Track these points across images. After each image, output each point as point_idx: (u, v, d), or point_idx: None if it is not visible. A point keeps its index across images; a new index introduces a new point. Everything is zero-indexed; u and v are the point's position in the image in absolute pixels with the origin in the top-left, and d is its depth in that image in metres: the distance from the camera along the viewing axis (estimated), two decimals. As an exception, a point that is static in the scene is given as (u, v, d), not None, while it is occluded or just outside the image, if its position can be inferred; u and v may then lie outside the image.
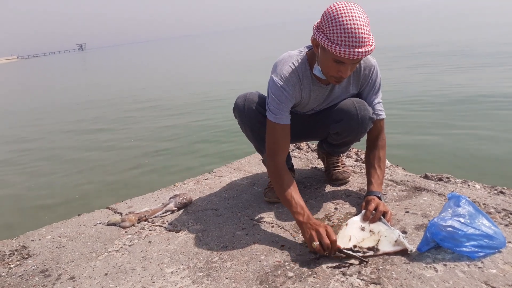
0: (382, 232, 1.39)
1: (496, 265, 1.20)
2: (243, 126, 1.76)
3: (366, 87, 1.67)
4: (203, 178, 2.34)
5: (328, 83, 1.61)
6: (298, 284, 1.23)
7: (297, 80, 1.56)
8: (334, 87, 1.64)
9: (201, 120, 6.52)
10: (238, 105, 1.71)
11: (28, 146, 6.24)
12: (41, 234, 1.84)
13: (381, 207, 1.47)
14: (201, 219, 1.78)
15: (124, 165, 4.68)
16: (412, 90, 6.40)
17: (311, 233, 1.36)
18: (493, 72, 7.04)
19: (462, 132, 4.09)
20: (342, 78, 1.45)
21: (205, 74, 14.23)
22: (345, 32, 1.30)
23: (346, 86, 1.65)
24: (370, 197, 1.55)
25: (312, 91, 1.62)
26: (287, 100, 1.55)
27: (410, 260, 1.27)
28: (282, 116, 1.56)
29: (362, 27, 1.31)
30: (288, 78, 1.54)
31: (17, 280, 1.47)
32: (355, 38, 1.30)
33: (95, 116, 8.24)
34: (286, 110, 1.57)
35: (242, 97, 1.72)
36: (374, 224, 1.43)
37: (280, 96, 1.54)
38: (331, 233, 1.33)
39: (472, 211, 1.27)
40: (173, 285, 1.32)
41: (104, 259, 1.54)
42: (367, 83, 1.65)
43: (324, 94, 1.66)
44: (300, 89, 1.59)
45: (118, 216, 1.91)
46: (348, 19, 1.30)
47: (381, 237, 1.37)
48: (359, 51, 1.31)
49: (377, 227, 1.42)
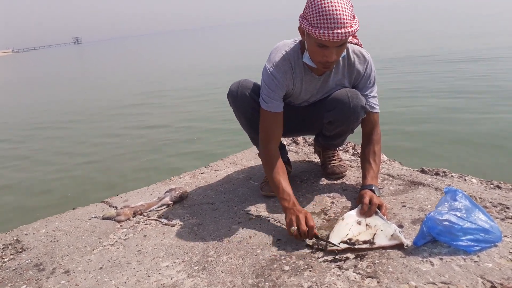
0: (379, 226, 1.38)
1: (492, 259, 1.20)
2: (237, 113, 1.76)
3: (360, 82, 1.66)
4: (199, 172, 2.33)
5: (321, 74, 1.61)
6: (294, 278, 1.23)
7: (288, 68, 1.58)
8: (327, 78, 1.64)
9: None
10: (231, 91, 1.72)
11: (24, 139, 6.19)
12: (35, 228, 1.83)
13: (375, 200, 1.47)
14: (197, 213, 1.77)
15: (121, 158, 4.66)
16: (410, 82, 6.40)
17: (291, 218, 1.41)
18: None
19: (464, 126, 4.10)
20: (329, 63, 1.45)
21: (205, 65, 14.17)
22: (324, 15, 1.33)
23: (340, 79, 1.65)
24: (363, 191, 1.55)
25: (304, 81, 1.63)
26: (277, 88, 1.58)
27: (406, 254, 1.27)
28: (273, 104, 1.59)
29: (341, 9, 1.33)
30: (279, 65, 1.57)
31: (11, 274, 1.46)
32: (334, 19, 1.33)
33: (94, 112, 8.19)
34: (277, 98, 1.59)
35: (236, 83, 1.73)
36: (370, 218, 1.43)
37: (271, 84, 1.57)
38: (310, 220, 1.38)
39: (468, 205, 1.27)
40: (169, 279, 1.31)
41: (99, 253, 1.53)
42: (361, 78, 1.65)
43: (317, 85, 1.66)
44: (292, 77, 1.60)
45: (113, 210, 1.89)
46: (326, 2, 1.34)
47: (377, 230, 1.37)
48: (339, 32, 1.33)
49: (373, 221, 1.41)
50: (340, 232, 1.38)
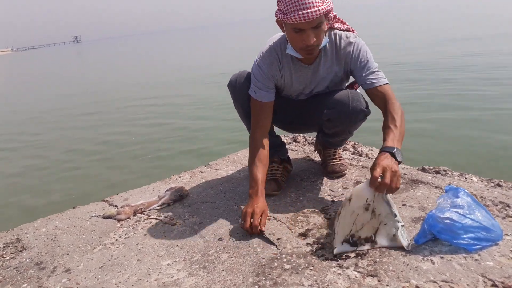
0: (383, 218, 1.30)
1: (493, 257, 1.20)
2: (235, 103, 1.81)
3: (352, 65, 1.63)
4: (199, 171, 2.33)
5: (310, 63, 1.63)
6: (295, 276, 1.23)
7: (274, 59, 1.64)
8: (317, 67, 1.65)
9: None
10: (231, 81, 1.78)
11: (25, 138, 6.19)
12: (35, 226, 1.83)
13: (388, 174, 1.27)
14: (197, 212, 1.77)
15: (121, 157, 4.66)
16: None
17: (246, 211, 1.50)
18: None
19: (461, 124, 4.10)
20: (309, 47, 1.47)
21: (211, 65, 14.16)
22: (292, 0, 1.39)
23: (330, 66, 1.65)
24: (380, 157, 1.34)
25: (294, 71, 1.66)
26: (263, 79, 1.64)
27: (407, 253, 1.27)
28: (261, 94, 1.65)
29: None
30: (265, 57, 1.64)
31: (11, 272, 1.46)
32: (301, 1, 1.37)
33: (94, 109, 8.18)
34: (264, 89, 1.64)
35: (236, 74, 1.79)
36: (378, 202, 1.30)
37: (258, 75, 1.65)
38: (256, 219, 1.46)
39: (470, 202, 1.27)
40: (169, 278, 1.31)
41: (100, 252, 1.53)
42: (350, 61, 1.62)
43: (308, 74, 1.67)
44: (279, 68, 1.65)
45: (113, 208, 1.89)
46: None
47: (381, 224, 1.31)
48: (308, 12, 1.37)
49: (380, 207, 1.30)
50: (346, 226, 1.32)
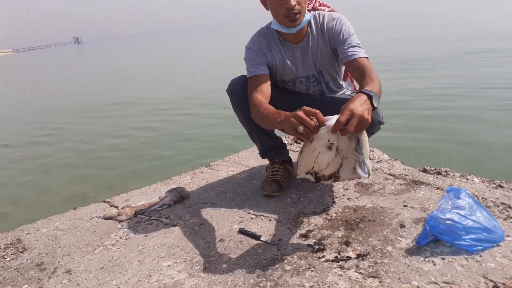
0: (344, 152, 1.27)
1: (494, 258, 1.19)
2: (235, 108, 1.80)
3: (335, 40, 1.66)
4: (200, 171, 2.32)
5: (298, 42, 1.69)
6: (296, 278, 1.23)
7: (263, 40, 1.72)
8: (306, 46, 1.70)
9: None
10: (230, 85, 1.78)
11: (25, 138, 6.19)
12: (36, 227, 1.83)
13: (354, 121, 1.18)
14: (198, 213, 1.76)
15: (122, 157, 4.66)
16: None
17: (292, 120, 1.23)
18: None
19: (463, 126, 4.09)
20: (292, 12, 1.54)
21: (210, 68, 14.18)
22: None
23: (317, 44, 1.70)
24: (355, 98, 1.26)
25: (284, 51, 1.71)
26: (255, 56, 1.69)
27: (408, 254, 1.26)
28: (254, 70, 1.67)
29: None
30: (253, 39, 1.73)
31: (12, 273, 1.46)
32: None
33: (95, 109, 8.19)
34: (257, 65, 1.67)
35: (236, 78, 1.78)
36: (341, 140, 1.25)
37: (249, 55, 1.70)
38: (310, 110, 1.22)
39: (472, 203, 1.26)
40: (170, 279, 1.31)
41: (100, 253, 1.53)
42: (333, 35, 1.66)
43: (298, 54, 1.71)
44: (269, 48, 1.71)
45: (114, 209, 1.89)
46: None
47: (343, 159, 1.28)
48: None
49: (342, 143, 1.26)
50: (308, 162, 1.28)
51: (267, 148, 1.90)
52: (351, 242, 1.38)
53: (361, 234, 1.42)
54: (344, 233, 1.44)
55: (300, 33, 1.67)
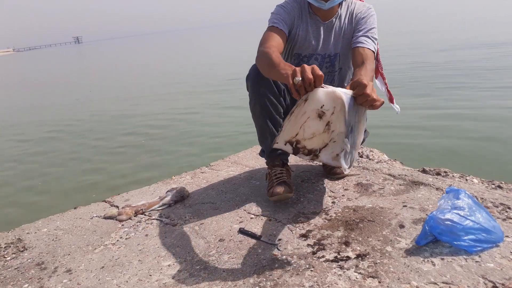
0: (335, 135, 1.22)
1: (493, 259, 1.20)
2: (252, 97, 1.67)
3: (356, 25, 1.70)
4: (200, 171, 2.33)
5: (326, 20, 1.71)
6: (295, 278, 1.23)
7: (296, 5, 1.71)
8: (331, 25, 1.72)
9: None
10: (251, 71, 1.65)
11: (25, 138, 6.20)
12: (37, 227, 1.83)
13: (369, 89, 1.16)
14: (198, 213, 1.77)
15: (123, 158, 4.66)
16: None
17: (294, 70, 1.18)
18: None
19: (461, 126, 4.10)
20: None
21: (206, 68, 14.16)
22: None
23: (341, 27, 1.73)
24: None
25: (310, 24, 1.72)
26: (284, 13, 1.68)
27: (407, 254, 1.27)
28: (277, 22, 1.65)
29: None
30: (288, 2, 1.73)
31: (13, 272, 1.46)
32: None
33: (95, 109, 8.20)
34: (283, 21, 1.65)
35: (254, 65, 1.64)
36: (337, 118, 1.19)
37: (279, 10, 1.68)
38: (317, 69, 1.16)
39: (471, 204, 1.27)
40: (170, 278, 1.31)
41: (101, 252, 1.54)
42: (358, 21, 1.70)
43: (322, 30, 1.72)
44: (299, 15, 1.71)
45: (114, 209, 1.89)
46: None
47: (331, 141, 1.23)
48: None
49: (336, 124, 1.21)
50: (294, 127, 1.23)
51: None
52: (351, 242, 1.38)
53: (360, 234, 1.43)
54: (344, 233, 1.44)
55: (330, 11, 1.69)
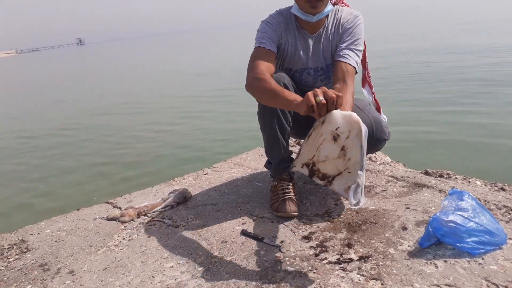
0: (350, 164, 1.22)
1: (496, 261, 1.19)
2: (264, 108, 1.62)
3: (342, 35, 1.66)
4: (202, 173, 2.33)
5: (313, 32, 1.67)
6: (298, 280, 1.23)
7: (282, 20, 1.68)
8: (319, 37, 1.68)
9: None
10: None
11: (27, 140, 6.22)
12: (40, 228, 1.83)
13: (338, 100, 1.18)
14: (201, 214, 1.77)
15: (125, 159, 4.67)
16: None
17: (314, 90, 1.20)
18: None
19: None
20: (314, 0, 1.52)
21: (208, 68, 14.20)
22: None
23: (329, 38, 1.68)
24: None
25: (298, 39, 1.69)
26: (270, 30, 1.64)
27: (410, 256, 1.27)
28: (264, 41, 1.61)
29: None
30: (273, 16, 1.69)
31: (16, 274, 1.47)
32: None
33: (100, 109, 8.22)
34: (270, 39, 1.62)
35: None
36: (352, 144, 1.20)
37: (264, 28, 1.65)
38: (333, 91, 1.20)
39: (475, 205, 1.26)
40: (173, 280, 1.31)
41: (103, 254, 1.54)
42: (344, 30, 1.66)
43: (310, 44, 1.69)
44: (285, 30, 1.67)
45: (117, 210, 1.90)
46: None
47: (345, 170, 1.22)
48: None
49: (352, 150, 1.21)
50: (311, 149, 1.25)
51: (283, 158, 1.74)
52: (353, 244, 1.38)
53: (363, 236, 1.42)
54: (346, 235, 1.44)
55: (318, 23, 1.65)
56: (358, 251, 1.34)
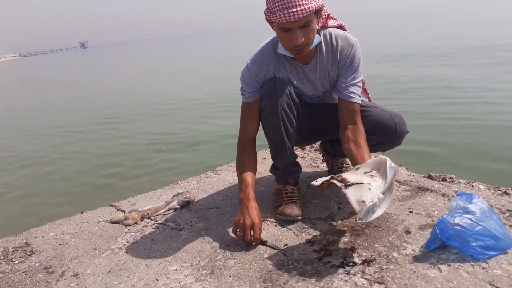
0: (374, 184, 1.29)
1: (500, 265, 1.19)
2: (269, 113, 1.60)
3: (343, 66, 1.59)
4: (205, 176, 2.34)
5: (306, 63, 1.60)
6: (302, 283, 1.23)
7: (265, 59, 1.59)
8: (313, 68, 1.61)
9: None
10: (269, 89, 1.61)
11: (27, 146, 6.25)
12: (44, 231, 1.84)
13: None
14: (204, 218, 1.78)
15: (129, 162, 4.68)
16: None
17: (239, 219, 1.50)
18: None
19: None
20: (298, 46, 1.42)
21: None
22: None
23: (325, 67, 1.61)
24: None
25: (290, 71, 1.62)
26: (251, 81, 1.61)
27: (414, 260, 1.27)
28: (249, 96, 1.63)
29: None
30: (256, 59, 1.61)
31: (21, 276, 1.48)
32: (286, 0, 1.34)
33: (107, 112, 8.25)
34: (250, 90, 1.62)
35: (271, 79, 1.62)
36: (381, 173, 1.34)
37: (246, 77, 1.61)
38: (256, 232, 1.47)
39: (485, 209, 1.24)
40: (177, 283, 1.32)
41: (107, 257, 1.55)
42: (344, 62, 1.58)
43: (305, 75, 1.63)
44: (276, 65, 1.60)
45: (121, 213, 1.91)
46: None
47: (366, 185, 1.27)
48: (294, 11, 1.33)
49: (380, 178, 1.33)
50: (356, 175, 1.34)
51: (289, 162, 1.74)
52: (357, 248, 1.38)
53: (366, 240, 1.43)
54: (350, 239, 1.44)
55: (308, 54, 1.56)
56: (361, 254, 1.34)
